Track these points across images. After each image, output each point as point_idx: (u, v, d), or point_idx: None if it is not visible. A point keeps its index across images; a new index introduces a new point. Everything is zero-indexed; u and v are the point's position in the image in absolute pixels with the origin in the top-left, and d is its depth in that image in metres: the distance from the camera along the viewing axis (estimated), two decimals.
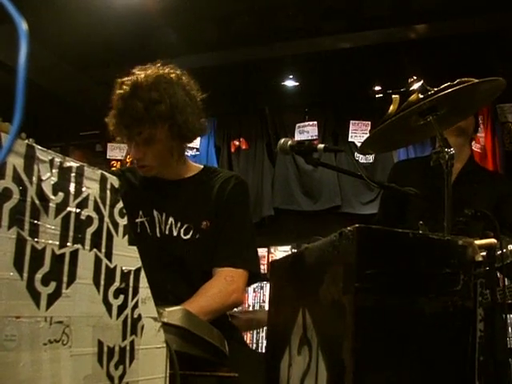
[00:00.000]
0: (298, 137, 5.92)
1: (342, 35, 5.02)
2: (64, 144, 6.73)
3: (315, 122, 5.98)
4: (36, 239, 0.88)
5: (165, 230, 2.04)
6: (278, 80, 5.89)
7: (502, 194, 2.74)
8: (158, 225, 2.05)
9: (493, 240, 1.38)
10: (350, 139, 5.82)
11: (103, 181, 1.04)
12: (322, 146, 1.92)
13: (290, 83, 5.96)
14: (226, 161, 6.10)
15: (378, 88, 5.70)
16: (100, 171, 1.04)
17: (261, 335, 5.25)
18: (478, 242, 1.16)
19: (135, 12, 4.61)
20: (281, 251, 5.76)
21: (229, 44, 5.06)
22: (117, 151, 6.48)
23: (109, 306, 1.02)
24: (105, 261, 1.02)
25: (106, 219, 1.03)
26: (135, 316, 1.08)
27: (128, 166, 2.44)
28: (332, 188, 5.85)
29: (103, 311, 1.00)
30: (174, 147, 2.05)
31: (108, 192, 1.05)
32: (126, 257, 1.07)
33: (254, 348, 5.19)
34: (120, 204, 1.07)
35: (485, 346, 1.07)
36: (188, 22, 4.94)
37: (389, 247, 1.02)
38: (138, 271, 1.10)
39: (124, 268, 1.06)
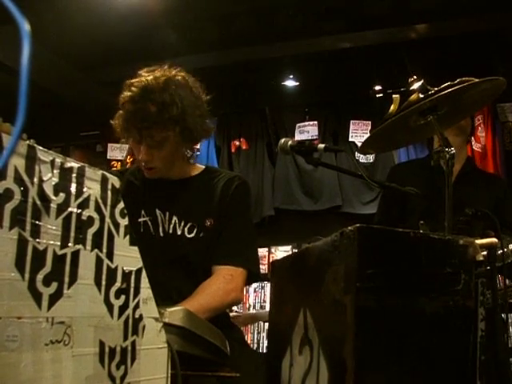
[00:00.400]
0: (298, 137, 5.92)
1: (342, 35, 5.03)
2: (64, 144, 6.73)
3: (315, 122, 5.98)
4: (37, 240, 0.88)
5: (168, 228, 2.04)
6: (279, 80, 5.89)
7: (500, 196, 2.77)
8: (161, 224, 2.04)
9: (494, 239, 1.38)
10: (350, 139, 5.82)
11: (104, 181, 1.04)
12: (323, 145, 1.92)
13: (291, 83, 5.96)
14: (227, 161, 6.09)
15: (378, 88, 5.69)
16: (101, 172, 1.04)
17: (262, 335, 5.25)
18: (478, 241, 1.16)
19: (136, 12, 4.61)
20: (281, 251, 5.76)
21: (229, 44, 5.06)
22: (117, 151, 6.48)
23: (110, 307, 1.02)
24: (106, 261, 1.02)
25: (107, 219, 1.03)
26: (136, 316, 1.08)
27: (127, 167, 2.43)
28: (332, 188, 5.85)
29: (104, 311, 1.00)
30: (184, 150, 2.06)
31: (109, 192, 1.05)
32: (127, 257, 1.07)
33: (254, 348, 5.19)
34: (121, 204, 1.07)
35: (486, 345, 1.07)
36: (188, 22, 4.94)
37: (390, 247, 1.02)
38: (139, 271, 1.10)
39: (125, 268, 1.06)
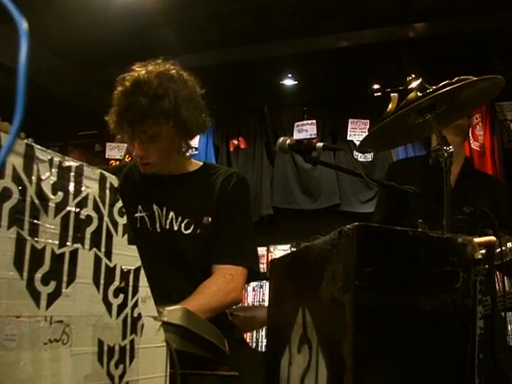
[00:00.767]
0: (296, 135, 5.92)
1: (340, 34, 5.02)
2: (63, 143, 6.73)
3: (314, 121, 5.98)
4: (36, 239, 0.88)
5: (165, 224, 2.02)
6: (277, 79, 5.89)
7: (498, 197, 2.78)
8: (157, 219, 2.03)
9: (492, 238, 1.39)
10: (348, 138, 5.82)
11: (102, 180, 1.04)
12: (321, 144, 1.92)
13: (289, 82, 5.95)
14: (225, 160, 6.09)
15: (376, 86, 5.69)
16: (99, 170, 1.04)
17: (261, 334, 5.25)
18: (477, 239, 1.16)
19: (134, 12, 4.61)
20: (280, 250, 5.76)
21: (228, 43, 5.06)
22: (116, 151, 6.47)
23: (109, 306, 1.02)
24: (104, 260, 1.02)
25: (106, 218, 1.03)
26: (135, 315, 1.08)
27: (126, 163, 2.43)
28: (331, 187, 5.85)
29: (103, 310, 1.00)
30: (179, 143, 2.04)
31: (107, 191, 1.05)
32: (126, 256, 1.07)
33: (253, 347, 5.19)
34: (119, 203, 1.07)
35: (484, 343, 1.07)
36: (187, 21, 4.93)
37: (388, 245, 1.02)
38: (137, 270, 1.10)
39: (124, 267, 1.06)
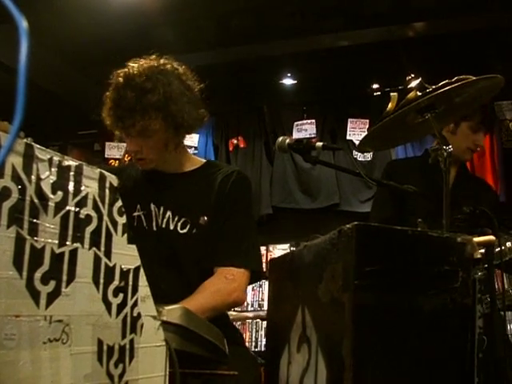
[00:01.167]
0: (296, 135, 5.91)
1: (340, 33, 5.02)
2: (62, 143, 6.72)
3: (313, 120, 5.98)
4: (35, 238, 0.88)
5: (161, 223, 2.01)
6: (276, 78, 5.89)
7: (492, 200, 2.80)
8: (154, 218, 2.01)
9: (491, 237, 1.39)
10: (348, 137, 5.82)
11: (102, 179, 1.04)
12: (321, 144, 1.92)
13: (288, 81, 5.95)
14: (224, 159, 6.09)
15: (376, 86, 5.70)
16: (99, 170, 1.04)
17: (260, 333, 5.25)
18: (476, 239, 1.16)
19: (133, 11, 4.61)
20: (279, 249, 5.76)
21: (227, 42, 5.06)
22: (115, 150, 6.47)
23: (108, 305, 1.02)
24: (104, 259, 1.02)
25: (105, 218, 1.03)
26: (135, 314, 1.08)
27: (130, 162, 2.43)
28: (330, 186, 5.85)
29: (103, 310, 1.00)
30: (170, 138, 2.00)
31: (107, 191, 1.05)
32: (126, 255, 1.07)
33: (253, 346, 5.19)
34: (119, 202, 1.07)
35: (484, 342, 1.07)
36: (186, 20, 4.94)
37: (388, 245, 1.02)
38: (137, 269, 1.10)
39: (123, 266, 1.06)
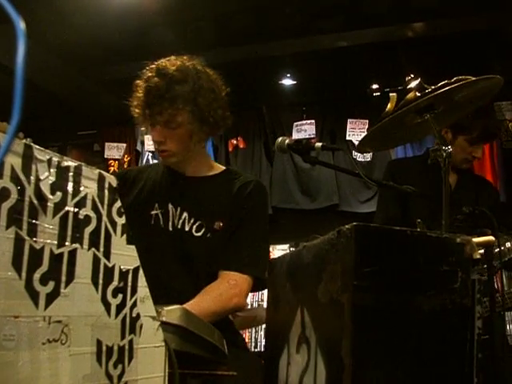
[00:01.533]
0: (295, 135, 5.92)
1: (339, 33, 5.03)
2: (62, 143, 6.74)
3: (313, 121, 5.98)
4: (34, 239, 0.88)
5: (177, 223, 2.03)
6: (276, 79, 5.89)
7: (494, 200, 2.80)
8: (171, 218, 2.04)
9: (491, 237, 1.38)
10: (347, 138, 5.83)
11: (101, 180, 1.04)
12: (320, 144, 1.92)
13: (288, 82, 5.96)
14: (224, 160, 6.09)
15: (375, 86, 5.70)
16: (98, 170, 1.04)
17: (259, 334, 5.25)
18: (475, 239, 1.16)
19: (132, 11, 4.61)
20: (279, 250, 5.76)
21: (226, 43, 5.06)
22: (114, 150, 6.48)
23: (107, 305, 1.02)
24: (103, 260, 1.02)
25: (104, 218, 1.03)
26: (134, 315, 1.08)
27: (150, 164, 2.48)
28: (330, 186, 5.85)
29: (102, 310, 1.00)
30: (194, 133, 2.04)
31: (106, 191, 1.04)
32: (125, 256, 1.07)
33: (253, 347, 5.20)
34: (118, 203, 1.07)
35: (483, 343, 1.07)
36: (185, 20, 4.94)
37: (387, 245, 1.02)
38: (136, 270, 1.09)
39: (122, 267, 1.06)
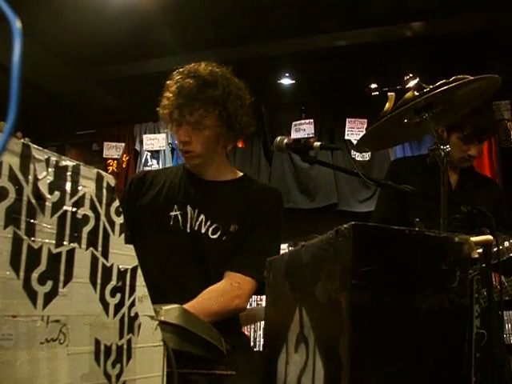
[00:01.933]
0: (294, 135, 5.92)
1: (338, 33, 5.03)
2: (60, 143, 6.73)
3: (311, 120, 5.98)
4: (32, 238, 0.88)
5: (194, 225, 2.06)
6: (275, 78, 5.89)
7: (496, 200, 2.80)
8: (189, 220, 2.06)
9: (489, 237, 1.39)
10: (346, 137, 5.83)
11: (99, 180, 1.04)
12: (319, 143, 1.92)
13: (287, 81, 5.95)
14: None
15: (374, 86, 5.70)
16: (96, 170, 1.04)
17: (258, 333, 5.25)
18: (474, 238, 1.16)
19: (131, 11, 4.61)
20: None
21: (225, 42, 5.06)
22: (113, 150, 6.47)
23: (106, 305, 1.02)
24: (101, 259, 1.02)
25: (103, 218, 1.03)
26: (132, 314, 1.08)
27: (169, 166, 2.51)
28: (329, 186, 5.85)
29: (100, 310, 1.00)
30: (220, 137, 2.08)
31: (104, 191, 1.04)
32: (123, 255, 1.07)
33: (251, 346, 5.19)
34: (116, 203, 1.07)
35: (481, 342, 1.07)
36: (184, 20, 4.94)
37: (385, 244, 1.02)
38: (134, 269, 1.10)
39: (121, 266, 1.06)
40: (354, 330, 0.96)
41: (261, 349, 5.05)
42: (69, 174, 0.97)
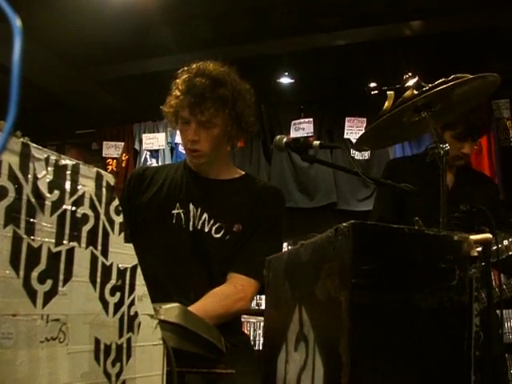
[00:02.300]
0: (293, 134, 5.92)
1: (337, 32, 5.03)
2: (60, 142, 6.73)
3: (311, 119, 5.97)
4: (32, 237, 0.88)
5: (197, 224, 2.05)
6: (274, 77, 5.88)
7: (492, 198, 2.80)
8: (192, 218, 2.06)
9: (488, 235, 1.39)
10: (345, 136, 5.82)
11: (99, 178, 1.04)
12: (318, 142, 1.92)
13: (286, 80, 5.95)
14: None
15: (373, 84, 5.70)
16: (95, 169, 1.04)
17: (258, 332, 5.25)
18: (473, 237, 1.16)
19: (130, 11, 4.61)
20: None
21: (224, 41, 5.06)
22: (112, 149, 6.47)
23: (105, 304, 1.02)
24: (101, 258, 1.02)
25: (102, 217, 1.03)
26: (132, 313, 1.08)
27: (168, 164, 2.50)
28: (328, 185, 5.85)
29: (100, 309, 1.00)
30: (228, 136, 2.09)
31: (104, 190, 1.04)
32: (123, 254, 1.07)
33: (251, 344, 5.19)
34: (116, 201, 1.07)
35: (481, 341, 1.07)
36: (183, 19, 4.93)
37: (384, 243, 1.02)
38: (134, 268, 1.10)
39: (120, 265, 1.06)
40: (353, 328, 0.96)
41: (260, 348, 5.05)
42: (68, 172, 0.97)
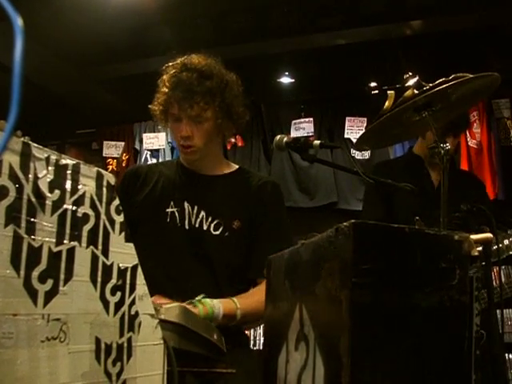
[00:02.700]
0: (293, 133, 5.92)
1: (337, 32, 5.03)
2: (60, 142, 6.74)
3: (311, 119, 5.98)
4: (33, 237, 0.88)
5: (195, 222, 2.03)
6: (274, 77, 5.89)
7: (479, 194, 2.80)
8: (187, 217, 2.03)
9: (489, 235, 1.39)
10: (345, 135, 5.83)
11: (99, 178, 1.04)
12: (318, 142, 1.92)
13: (286, 80, 5.96)
14: None
15: (373, 84, 5.71)
16: (96, 168, 1.04)
17: (258, 332, 5.25)
18: (474, 236, 1.16)
19: (130, 10, 4.61)
20: None
21: (224, 41, 5.06)
22: (113, 149, 6.47)
23: (106, 303, 1.02)
24: (101, 258, 1.02)
25: (103, 216, 1.03)
26: (132, 313, 1.08)
27: (161, 161, 2.48)
28: (328, 184, 5.85)
29: (100, 308, 1.01)
30: (220, 128, 2.07)
31: (104, 189, 1.04)
32: (123, 254, 1.07)
33: (251, 345, 5.19)
34: (116, 201, 1.07)
35: (481, 341, 1.07)
36: (183, 19, 4.94)
37: (385, 242, 1.02)
38: (134, 268, 1.10)
39: (121, 265, 1.06)
40: (354, 327, 0.96)
41: (261, 347, 5.05)
42: (69, 172, 0.97)
